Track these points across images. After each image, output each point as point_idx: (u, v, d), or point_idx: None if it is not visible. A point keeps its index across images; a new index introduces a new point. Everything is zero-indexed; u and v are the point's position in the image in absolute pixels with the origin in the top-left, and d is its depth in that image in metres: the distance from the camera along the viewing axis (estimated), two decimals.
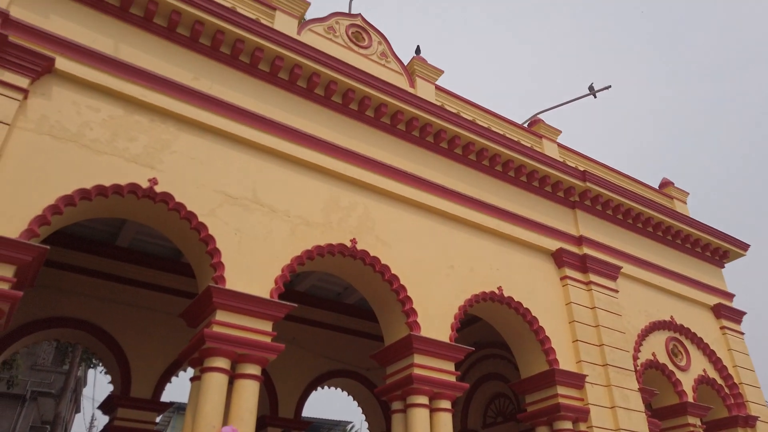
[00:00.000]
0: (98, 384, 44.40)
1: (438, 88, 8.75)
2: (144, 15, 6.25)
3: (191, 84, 6.37)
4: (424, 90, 8.44)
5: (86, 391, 22.78)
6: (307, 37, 7.58)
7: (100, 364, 15.93)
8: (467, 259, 7.71)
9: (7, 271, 4.69)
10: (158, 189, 5.70)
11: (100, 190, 5.38)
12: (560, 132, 10.07)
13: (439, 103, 8.47)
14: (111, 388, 8.52)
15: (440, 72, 8.84)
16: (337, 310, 10.53)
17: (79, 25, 5.87)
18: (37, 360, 17.32)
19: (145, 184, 5.64)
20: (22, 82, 5.27)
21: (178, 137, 6.08)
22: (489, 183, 8.51)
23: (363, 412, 11.06)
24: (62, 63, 5.54)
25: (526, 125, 10.21)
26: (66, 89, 5.58)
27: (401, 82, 8.32)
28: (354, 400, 10.98)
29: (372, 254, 6.82)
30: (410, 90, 8.28)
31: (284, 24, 7.41)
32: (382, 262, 6.86)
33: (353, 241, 6.75)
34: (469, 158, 8.40)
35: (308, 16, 8.14)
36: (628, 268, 9.43)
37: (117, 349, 8.21)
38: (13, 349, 8.01)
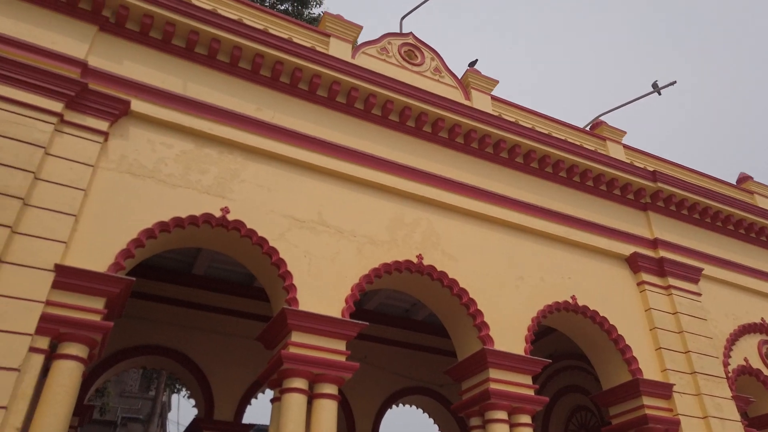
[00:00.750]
0: (182, 408, 46.05)
1: (494, 98, 8.69)
2: (208, 53, 6.57)
3: (255, 115, 6.62)
4: (479, 101, 8.41)
5: (171, 416, 23.71)
6: (362, 60, 7.74)
7: (184, 389, 16.56)
8: (537, 269, 7.54)
9: (98, 303, 5.00)
10: (230, 217, 5.93)
11: (178, 222, 5.66)
12: (625, 133, 9.75)
13: (496, 113, 8.41)
14: (195, 411, 8.83)
15: (495, 82, 8.79)
16: (406, 327, 10.52)
17: (150, 67, 6.25)
18: (125, 387, 18.23)
19: (218, 214, 5.88)
20: (103, 125, 5.66)
21: (246, 167, 6.32)
22: (554, 190, 8.33)
23: (440, 430, 10.93)
24: (137, 105, 5.91)
25: (588, 128, 9.95)
26: (141, 129, 5.94)
27: (456, 95, 8.32)
28: (430, 417, 10.87)
29: (439, 269, 6.80)
30: (466, 102, 8.26)
31: (339, 49, 7.60)
32: (450, 276, 6.83)
33: (419, 257, 6.76)
34: (531, 166, 8.26)
35: (361, 38, 8.35)
36: (710, 269, 8.93)
37: (199, 374, 8.53)
38: (105, 378, 8.48)
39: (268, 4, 16.39)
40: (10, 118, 5.17)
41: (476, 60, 9.04)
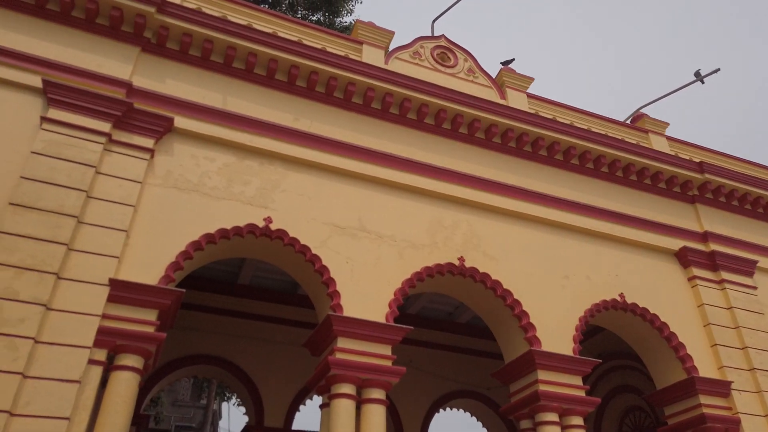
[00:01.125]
0: (233, 416, 46.97)
1: (530, 95, 8.59)
2: (245, 67, 6.73)
3: (293, 125, 6.73)
4: (515, 100, 8.32)
5: (222, 424, 24.21)
6: (395, 65, 7.77)
7: (234, 397, 16.88)
8: (582, 268, 7.40)
9: (151, 315, 5.17)
10: (273, 227, 6.04)
11: (223, 233, 5.80)
12: (668, 124, 9.48)
13: (532, 111, 8.31)
14: (245, 419, 9.00)
15: (530, 80, 8.69)
16: (450, 330, 10.47)
17: (191, 84, 6.44)
18: (177, 396, 18.72)
19: (261, 224, 6.00)
20: (148, 142, 5.86)
21: (286, 176, 6.43)
22: (597, 186, 8.16)
23: None
24: (180, 121, 6.09)
25: (628, 122, 9.72)
26: (185, 144, 6.11)
27: (491, 95, 8.27)
28: (478, 420, 10.77)
29: (481, 271, 6.75)
30: (501, 102, 8.20)
31: (372, 56, 7.66)
32: (493, 278, 6.77)
33: (461, 259, 6.73)
34: (571, 163, 8.12)
35: (394, 44, 8.37)
36: (765, 261, 8.58)
37: (248, 382, 8.69)
38: (159, 387, 8.73)
39: (300, 16, 16.65)
40: (63, 140, 5.41)
41: (512, 59, 8.96)
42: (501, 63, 8.82)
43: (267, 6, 16.01)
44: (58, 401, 4.49)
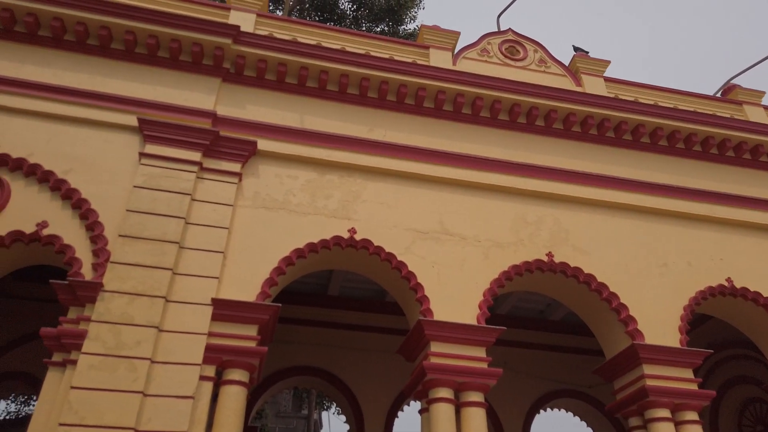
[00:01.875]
0: (334, 424, 48.05)
1: (607, 79, 8.26)
2: (318, 85, 6.93)
3: (368, 136, 6.85)
4: (592, 85, 8.03)
5: None
6: (463, 65, 7.73)
7: (333, 406, 17.29)
8: (682, 254, 6.98)
9: (252, 330, 5.42)
10: (358, 237, 6.16)
11: (311, 247, 5.99)
12: (764, 93, 8.79)
13: (611, 95, 7.98)
14: (346, 427, 9.19)
15: (606, 63, 8.35)
16: (543, 329, 10.19)
17: (270, 107, 6.72)
18: (279, 408, 19.43)
19: (346, 235, 6.14)
20: (236, 167, 6.17)
21: (365, 187, 6.55)
22: (689, 166, 7.69)
23: None
24: (262, 143, 6.37)
25: (719, 95, 9.10)
26: (269, 165, 6.38)
27: (566, 83, 8.02)
28: (581, 420, 10.40)
29: (572, 265, 6.54)
30: (577, 89, 7.93)
31: (439, 59, 7.66)
32: (585, 271, 6.53)
33: (549, 255, 6.56)
34: (659, 145, 7.71)
35: (460, 44, 8.32)
36: None
37: (346, 390, 8.89)
38: (263, 400, 9.11)
39: (364, 29, 16.94)
40: (160, 173, 5.82)
41: (587, 52, 8.66)
42: (574, 49, 8.56)
43: (332, 23, 16.42)
44: (176, 417, 4.80)
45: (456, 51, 7.96)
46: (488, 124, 7.34)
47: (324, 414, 23.61)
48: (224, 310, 5.35)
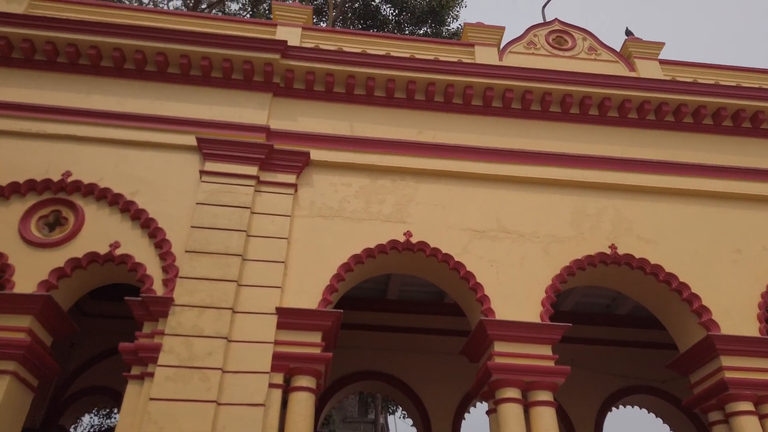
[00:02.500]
0: (401, 428, 48.12)
1: (662, 62, 7.95)
2: (366, 92, 7.01)
3: (417, 138, 6.87)
4: (646, 69, 7.75)
5: None
6: (510, 60, 7.63)
7: (399, 409, 17.31)
8: (756, 238, 6.63)
9: (316, 337, 5.53)
10: (413, 240, 6.18)
11: (369, 253, 6.05)
12: None
13: (668, 78, 7.68)
14: (413, 431, 9.20)
15: (660, 45, 8.05)
16: (610, 324, 9.86)
17: (320, 118, 6.85)
18: (346, 413, 19.65)
19: (402, 239, 6.17)
20: (291, 178, 6.32)
21: (418, 189, 6.56)
22: (758, 146, 7.30)
23: (672, 430, 9.98)
24: (315, 153, 6.49)
25: None
26: (322, 174, 6.50)
27: (618, 69, 7.78)
28: (657, 417, 9.99)
29: (637, 256, 6.32)
30: (631, 74, 7.68)
31: (485, 56, 7.60)
32: (652, 262, 6.30)
33: (612, 247, 6.36)
34: (723, 125, 7.35)
35: (506, 38, 8.23)
36: None
37: (411, 394, 8.90)
38: (330, 406, 9.25)
39: (407, 32, 16.98)
40: (220, 189, 6.03)
41: (628, 29, 8.39)
42: (625, 33, 8.29)
43: (375, 30, 16.56)
44: (249, 424, 4.95)
45: (502, 46, 7.87)
46: (539, 118, 7.22)
47: (390, 418, 23.72)
48: (288, 318, 5.48)
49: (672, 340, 6.68)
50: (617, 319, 9.84)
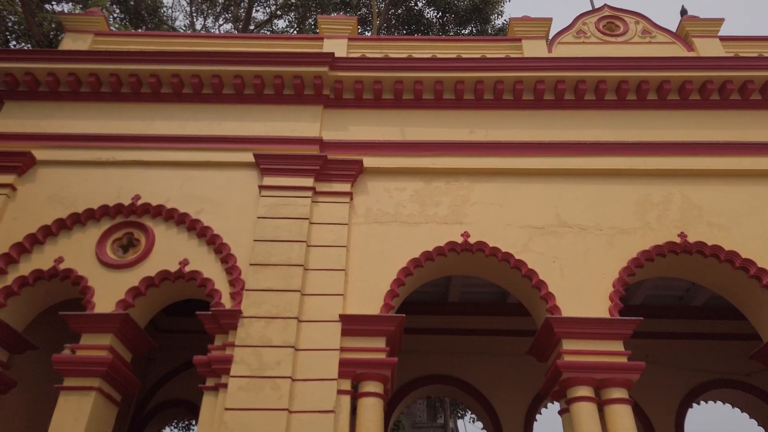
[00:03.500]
0: None
1: (723, 38, 7.58)
2: (414, 96, 7.03)
3: (469, 138, 6.83)
4: (706, 47, 7.40)
5: None
6: (560, 51, 7.48)
7: (468, 413, 17.16)
8: None
9: (380, 342, 5.57)
10: (471, 240, 6.13)
11: (427, 256, 6.05)
12: None
13: (730, 54, 7.31)
14: None
15: (719, 21, 7.68)
16: (685, 316, 9.41)
17: (370, 125, 6.92)
18: (415, 419, 19.64)
19: (459, 240, 6.13)
20: (346, 187, 6.41)
21: (473, 189, 6.51)
22: None
23: (759, 424, 9.41)
24: (368, 161, 6.57)
25: None
26: (376, 181, 6.55)
27: (675, 50, 7.47)
28: (742, 412, 9.44)
29: (710, 243, 6.02)
30: (689, 54, 7.36)
31: (533, 49, 7.48)
32: (726, 249, 5.98)
33: (682, 235, 6.09)
34: None
35: (553, 29, 8.08)
36: None
37: (479, 396, 8.79)
38: (398, 411, 9.27)
39: (452, 33, 16.92)
40: (279, 202, 6.19)
41: (684, 8, 8.03)
42: (681, 13, 7.96)
43: (420, 35, 16.59)
44: (320, 431, 5.03)
45: (550, 38, 7.71)
46: (595, 107, 7.02)
47: (459, 422, 23.51)
48: (352, 324, 5.55)
49: (754, 329, 6.31)
50: (692, 310, 9.39)
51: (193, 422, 13.27)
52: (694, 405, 9.11)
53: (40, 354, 6.34)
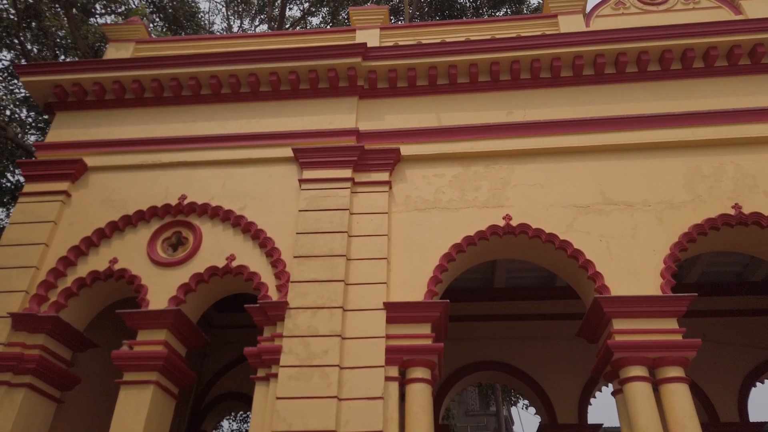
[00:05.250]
0: (526, 420, 47.16)
1: None
2: (449, 81, 6.96)
3: (507, 119, 6.72)
4: (757, 9, 7.01)
5: (516, 428, 24.50)
6: (598, 24, 7.25)
7: (520, 400, 16.99)
8: None
9: (425, 329, 5.57)
10: (514, 223, 6.04)
11: (469, 241, 6.00)
12: None
13: None
14: (537, 421, 8.98)
15: None
16: (744, 293, 9.01)
17: (406, 113, 6.89)
18: (467, 407, 19.60)
19: (501, 223, 6.05)
20: (384, 176, 6.42)
21: (513, 171, 6.41)
22: None
23: None
24: (405, 149, 6.55)
25: None
26: (415, 168, 6.53)
27: (722, 14, 7.13)
28: None
29: (767, 214, 5.74)
30: (737, 17, 7.00)
31: (570, 24, 7.28)
32: None
33: (736, 207, 5.83)
34: None
35: (590, 3, 7.86)
36: None
37: (530, 382, 8.69)
38: (449, 398, 9.26)
39: (486, 16, 16.65)
40: (319, 194, 6.26)
41: None
42: None
43: (453, 19, 16.37)
44: (370, 417, 5.08)
45: (587, 12, 7.49)
46: (637, 80, 6.78)
47: (513, 409, 23.30)
48: (396, 312, 5.57)
49: None
50: (753, 286, 9.00)
51: (249, 413, 13.64)
52: (758, 384, 8.74)
53: (102, 351, 6.63)
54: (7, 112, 12.95)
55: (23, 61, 12.53)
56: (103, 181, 6.77)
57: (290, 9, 18.30)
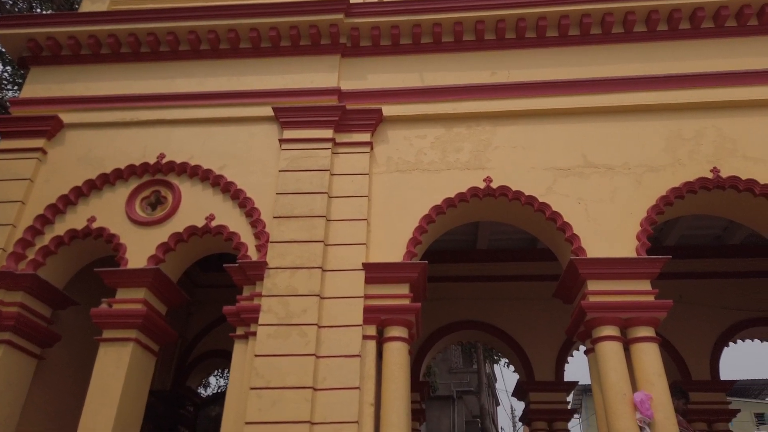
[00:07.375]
0: (508, 378, 48.38)
1: None
2: (433, 39, 6.83)
3: (491, 80, 6.63)
4: None
5: (499, 386, 25.17)
6: None
7: (502, 358, 17.39)
8: None
9: (404, 289, 5.62)
10: (494, 185, 6.04)
11: (449, 202, 6.01)
12: None
13: None
14: (517, 377, 9.21)
15: None
16: (722, 255, 9.16)
17: (389, 73, 6.79)
18: (451, 365, 20.05)
19: (482, 185, 6.05)
20: (365, 137, 6.37)
21: (495, 133, 6.37)
22: None
23: None
24: (387, 109, 6.47)
25: None
26: (396, 129, 6.48)
27: None
28: None
29: (744, 178, 5.78)
30: None
31: None
32: (761, 182, 5.74)
33: (714, 170, 5.86)
34: None
35: None
36: None
37: (510, 341, 8.88)
38: (430, 356, 9.45)
39: None
40: (300, 155, 6.21)
41: None
42: None
43: None
44: (347, 374, 5.18)
45: None
46: (622, 41, 6.68)
47: (495, 367, 23.87)
48: (375, 272, 5.61)
49: None
50: (730, 249, 9.16)
51: None
52: (730, 344, 9.00)
53: (83, 309, 6.65)
54: None
55: None
56: (80, 139, 6.65)
57: None
